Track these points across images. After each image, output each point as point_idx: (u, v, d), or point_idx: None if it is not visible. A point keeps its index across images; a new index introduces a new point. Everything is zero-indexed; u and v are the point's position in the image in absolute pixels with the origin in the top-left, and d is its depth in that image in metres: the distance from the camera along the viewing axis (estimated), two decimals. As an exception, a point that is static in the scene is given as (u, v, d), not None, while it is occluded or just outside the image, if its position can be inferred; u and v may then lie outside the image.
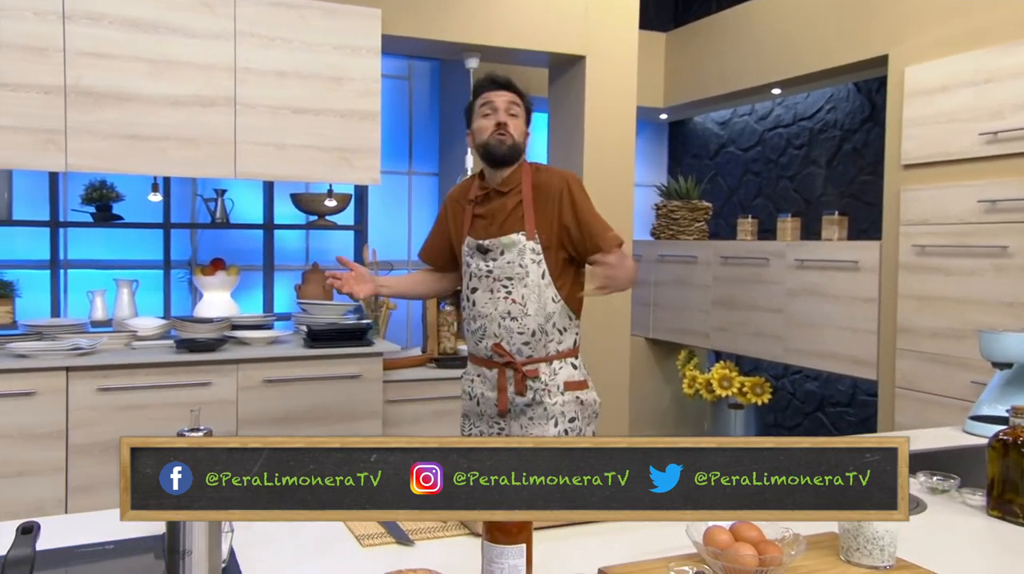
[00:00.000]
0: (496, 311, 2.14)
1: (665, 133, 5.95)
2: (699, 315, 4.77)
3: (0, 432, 2.79)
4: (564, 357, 2.21)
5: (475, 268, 2.18)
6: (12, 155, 2.83)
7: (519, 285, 2.13)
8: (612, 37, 3.88)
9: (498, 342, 2.14)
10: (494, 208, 2.17)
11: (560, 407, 2.16)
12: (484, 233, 2.17)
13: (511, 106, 2.16)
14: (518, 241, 2.12)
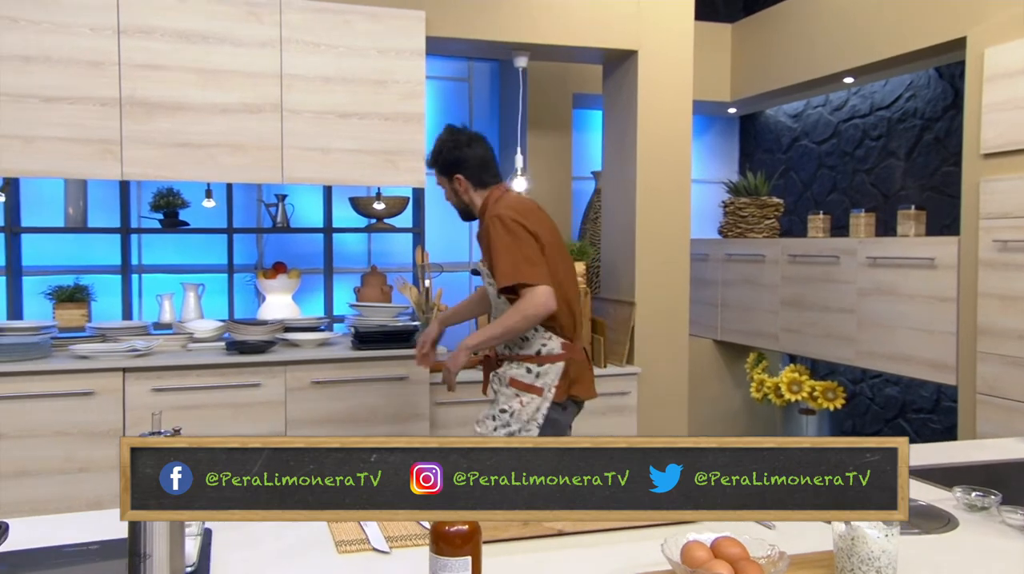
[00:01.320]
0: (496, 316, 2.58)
1: (735, 128, 5.75)
2: (767, 316, 4.58)
3: (62, 429, 2.92)
4: (521, 360, 2.47)
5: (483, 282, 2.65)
6: (73, 164, 2.97)
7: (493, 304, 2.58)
8: (666, 31, 3.77)
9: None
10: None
11: (499, 396, 2.50)
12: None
13: (440, 186, 2.61)
14: (482, 270, 2.55)
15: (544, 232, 2.44)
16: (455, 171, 2.51)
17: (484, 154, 2.53)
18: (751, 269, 4.70)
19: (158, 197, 3.97)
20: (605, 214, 4.19)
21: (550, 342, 2.45)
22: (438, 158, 2.54)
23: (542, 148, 4.69)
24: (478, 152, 2.52)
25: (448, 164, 2.52)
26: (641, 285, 3.83)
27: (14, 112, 2.90)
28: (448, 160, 2.52)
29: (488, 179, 2.53)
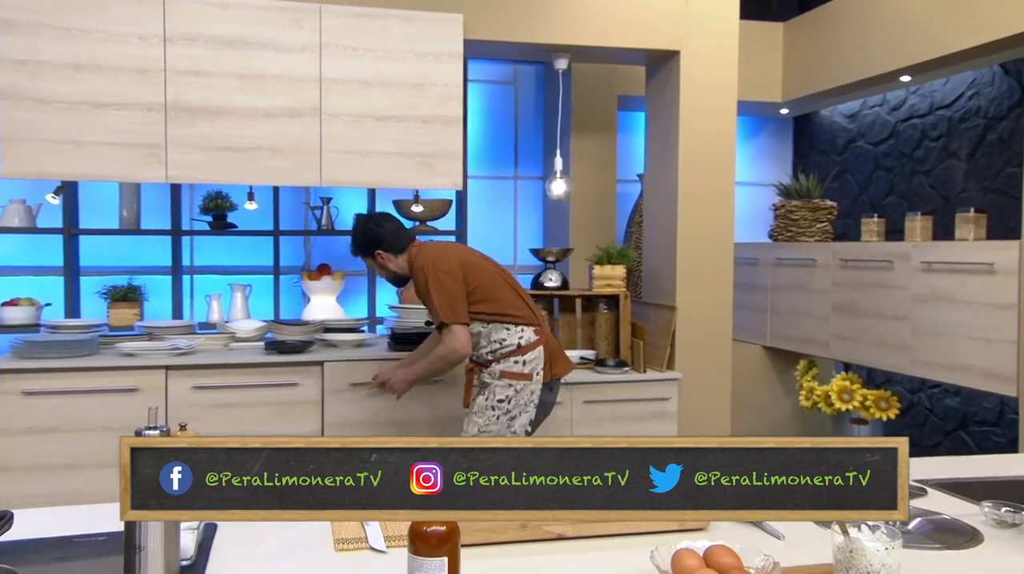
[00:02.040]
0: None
1: (789, 129, 5.61)
2: (818, 322, 4.45)
3: (107, 424, 3.02)
4: (505, 356, 2.78)
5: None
6: (120, 168, 3.07)
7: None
8: (710, 30, 3.70)
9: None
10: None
11: (493, 387, 2.77)
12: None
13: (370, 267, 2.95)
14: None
15: (461, 259, 2.80)
16: (375, 248, 2.84)
17: (393, 226, 2.88)
18: (802, 274, 4.57)
19: (207, 200, 4.09)
20: (647, 217, 4.13)
21: (524, 333, 2.79)
22: (358, 244, 2.88)
23: (587, 151, 4.66)
24: (388, 227, 2.86)
25: (367, 245, 2.86)
26: (682, 289, 3.76)
27: (67, 119, 3.01)
28: (365, 242, 2.86)
29: (404, 243, 2.86)
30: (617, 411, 3.63)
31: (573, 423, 3.58)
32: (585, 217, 4.64)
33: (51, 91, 2.99)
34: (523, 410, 2.78)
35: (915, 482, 1.80)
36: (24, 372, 2.94)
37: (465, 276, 2.75)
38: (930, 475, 1.86)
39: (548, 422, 3.52)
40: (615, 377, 3.64)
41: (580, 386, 3.58)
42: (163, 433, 1.22)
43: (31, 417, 2.94)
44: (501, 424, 2.77)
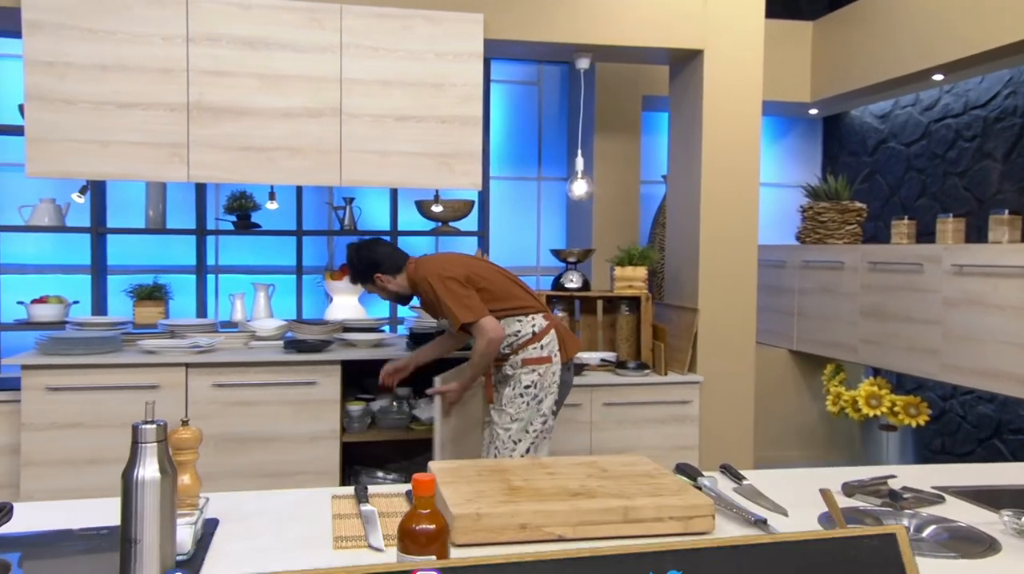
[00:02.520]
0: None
1: (819, 129, 5.52)
2: (846, 326, 4.36)
3: (129, 420, 3.05)
4: (527, 344, 2.84)
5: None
6: (143, 167, 3.11)
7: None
8: (733, 29, 3.64)
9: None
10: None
11: (519, 377, 2.82)
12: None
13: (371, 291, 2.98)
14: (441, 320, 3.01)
15: (462, 264, 2.86)
16: (373, 272, 2.89)
17: (386, 248, 2.95)
18: (829, 277, 4.49)
19: (231, 200, 4.13)
20: (670, 218, 4.08)
21: (535, 320, 2.86)
22: (356, 272, 2.94)
23: (610, 151, 4.62)
24: (381, 250, 2.93)
25: (365, 271, 2.90)
26: (705, 291, 3.71)
27: (93, 119, 3.05)
28: (363, 269, 2.91)
29: (400, 263, 2.89)
30: (637, 414, 3.59)
31: (592, 426, 3.55)
32: (608, 218, 4.60)
33: (77, 92, 3.04)
34: (548, 392, 2.84)
35: (934, 489, 1.75)
36: (48, 368, 2.98)
37: (471, 280, 2.79)
38: (953, 482, 1.81)
39: (568, 423, 3.50)
40: (636, 379, 3.60)
41: (600, 388, 3.55)
42: (160, 427, 1.22)
43: (55, 412, 2.98)
44: (531, 409, 2.82)
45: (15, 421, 2.98)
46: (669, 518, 1.43)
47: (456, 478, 1.56)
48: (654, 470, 1.64)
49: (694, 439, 3.65)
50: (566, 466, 1.67)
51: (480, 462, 1.69)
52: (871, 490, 1.72)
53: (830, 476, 1.82)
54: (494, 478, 1.57)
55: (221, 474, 3.14)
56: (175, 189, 4.07)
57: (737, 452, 3.76)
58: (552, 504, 1.42)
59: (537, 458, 1.74)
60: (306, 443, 3.22)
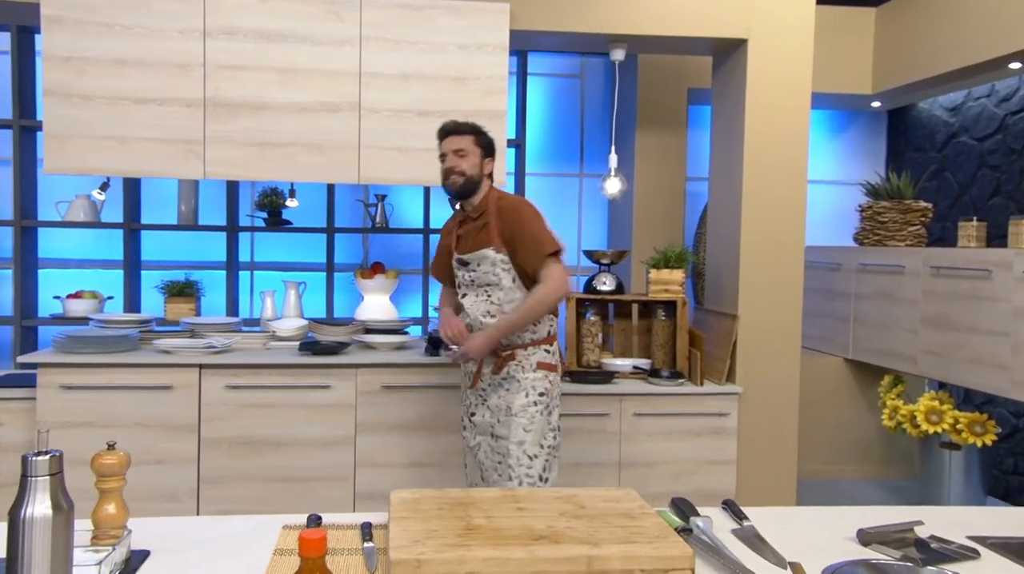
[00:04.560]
0: (478, 311, 2.59)
1: (883, 124, 5.17)
2: (905, 335, 4.05)
3: (142, 422, 3.02)
4: (538, 344, 2.61)
5: (462, 277, 2.65)
6: (158, 164, 3.06)
7: (496, 290, 2.58)
8: (780, 17, 3.39)
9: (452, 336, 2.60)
10: (469, 229, 2.63)
11: (531, 382, 2.57)
12: (462, 249, 2.63)
13: (458, 148, 2.59)
14: (488, 255, 2.56)
15: None
16: (490, 154, 2.66)
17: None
18: (888, 282, 4.18)
19: (262, 196, 4.08)
20: (711, 219, 3.85)
21: (554, 322, 2.69)
22: (485, 134, 2.66)
23: (652, 147, 4.41)
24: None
25: (491, 145, 2.67)
26: (745, 297, 3.48)
27: (110, 114, 3.02)
28: (491, 142, 2.68)
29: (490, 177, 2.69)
30: (671, 425, 3.40)
31: (622, 437, 3.37)
32: (650, 217, 4.40)
33: (94, 87, 3.01)
34: (556, 404, 2.63)
35: (970, 539, 1.53)
36: (63, 366, 2.97)
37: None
38: (995, 530, 1.58)
39: (595, 433, 3.33)
40: (669, 389, 3.40)
41: (630, 398, 3.37)
42: (54, 459, 1.11)
43: (68, 411, 2.97)
44: (543, 421, 2.55)
45: (31, 419, 2.98)
46: (639, 571, 1.26)
47: (412, 512, 1.42)
48: (637, 509, 1.47)
49: (731, 454, 3.43)
50: (541, 500, 1.51)
51: (446, 493, 1.54)
52: (893, 539, 1.51)
53: (848, 517, 1.62)
54: (454, 513, 1.42)
55: (233, 477, 3.08)
56: (208, 185, 4.05)
57: (778, 468, 3.52)
58: (508, 550, 1.27)
59: (513, 491, 1.58)
60: (320, 448, 3.13)
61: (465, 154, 2.57)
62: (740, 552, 1.43)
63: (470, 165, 2.58)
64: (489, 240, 2.55)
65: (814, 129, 5.06)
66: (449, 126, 2.64)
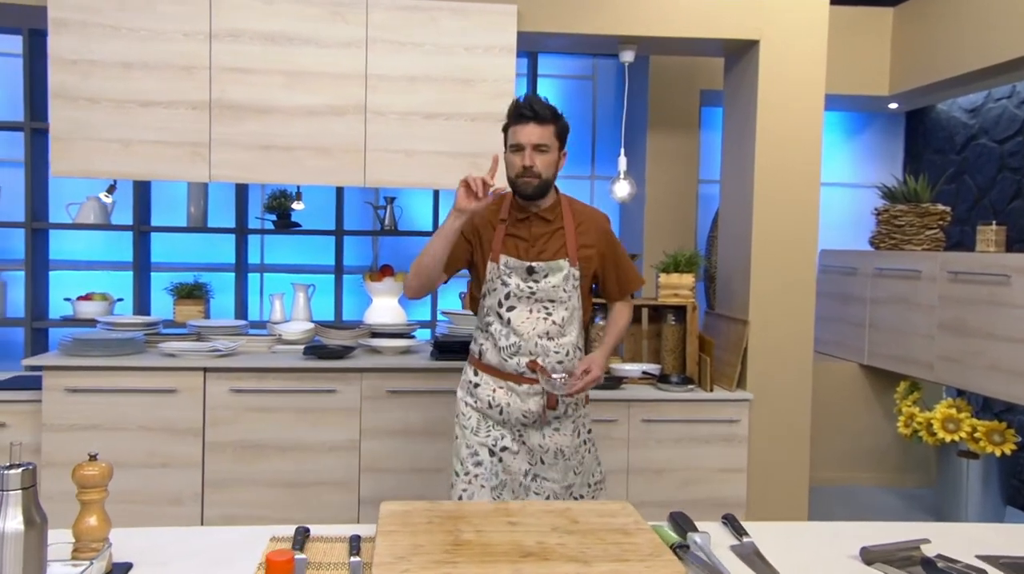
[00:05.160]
0: (534, 330, 2.19)
1: (900, 126, 5.08)
2: (922, 341, 3.97)
3: (146, 425, 3.01)
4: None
5: (515, 287, 2.20)
6: (164, 167, 3.06)
7: (560, 308, 2.21)
8: (793, 17, 3.33)
9: (534, 359, 2.19)
10: (536, 232, 2.22)
11: (583, 419, 2.33)
12: (527, 254, 2.21)
13: (540, 143, 2.15)
14: (564, 267, 2.20)
15: None
16: (563, 145, 2.23)
17: None
18: (904, 286, 4.10)
19: (271, 199, 4.08)
20: (722, 222, 3.80)
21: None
22: (565, 121, 2.22)
23: (664, 149, 4.36)
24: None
25: (567, 133, 2.23)
26: (756, 302, 3.42)
27: (116, 116, 3.02)
28: (568, 129, 2.24)
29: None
30: (680, 432, 3.34)
31: (630, 443, 3.32)
32: (661, 220, 4.35)
33: (101, 90, 3.01)
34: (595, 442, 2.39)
35: (980, 559, 1.47)
36: (69, 369, 2.97)
37: None
38: (1006, 549, 1.52)
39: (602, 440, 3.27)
40: (678, 395, 3.35)
41: (639, 403, 3.32)
42: (26, 472, 1.09)
43: (74, 414, 2.97)
44: (593, 459, 2.35)
45: (37, 421, 2.99)
46: (630, 591, 1.22)
47: (400, 526, 1.39)
48: (632, 525, 1.43)
49: (742, 461, 3.37)
50: (534, 514, 1.48)
51: (438, 506, 1.51)
52: (898, 558, 1.46)
53: (852, 534, 1.57)
54: (444, 528, 1.39)
55: (237, 482, 3.07)
56: (217, 187, 4.05)
57: (790, 476, 3.46)
58: (494, 567, 1.23)
59: (507, 503, 1.55)
60: (325, 453, 3.11)
61: (547, 149, 2.14)
62: (738, 570, 1.38)
63: (548, 164, 2.15)
64: (564, 250, 2.19)
65: (830, 131, 4.99)
66: (530, 109, 2.13)
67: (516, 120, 2.17)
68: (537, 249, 2.19)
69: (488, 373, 2.25)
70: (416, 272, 2.16)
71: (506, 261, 2.18)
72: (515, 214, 2.22)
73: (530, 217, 2.21)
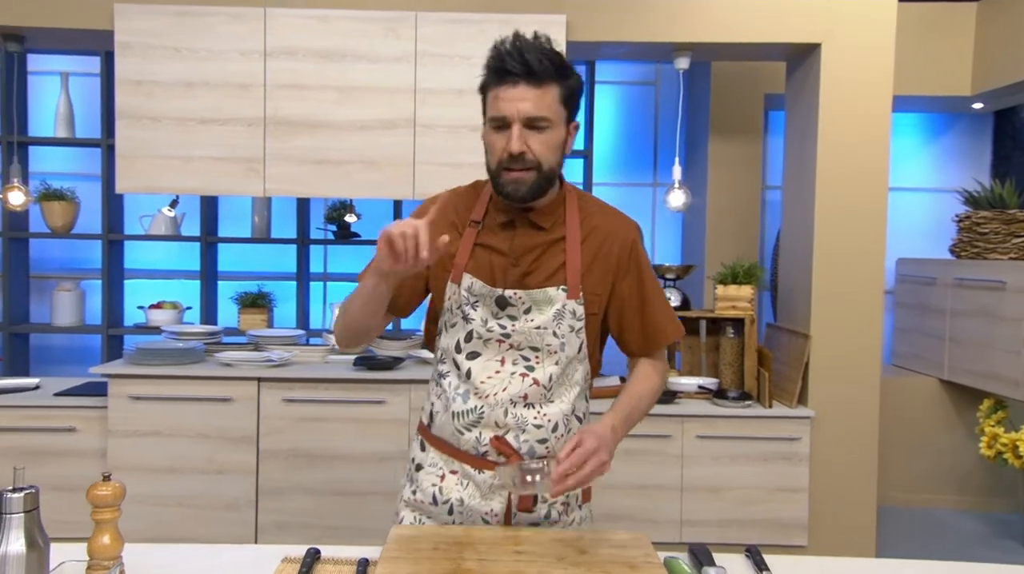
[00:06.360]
0: (505, 392, 1.48)
1: (988, 126, 4.79)
2: (1007, 357, 3.73)
3: (204, 432, 3.11)
4: None
5: (479, 324, 1.48)
6: (222, 182, 3.15)
7: (547, 360, 1.49)
8: (857, 19, 3.18)
9: (500, 436, 1.48)
10: (521, 244, 1.49)
11: (576, 525, 1.57)
12: (502, 277, 1.49)
13: (536, 116, 1.41)
14: (556, 299, 1.48)
15: None
16: (575, 113, 1.51)
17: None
18: (988, 298, 3.86)
19: (331, 209, 4.16)
20: (784, 231, 3.66)
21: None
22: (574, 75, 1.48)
23: (727, 156, 4.23)
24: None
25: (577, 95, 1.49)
26: (818, 315, 3.27)
27: (176, 134, 3.13)
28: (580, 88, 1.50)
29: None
30: (737, 449, 3.23)
31: (684, 460, 3.24)
32: (724, 229, 4.22)
33: (163, 109, 3.13)
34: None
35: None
36: (132, 378, 3.09)
37: None
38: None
39: (655, 455, 3.21)
40: (734, 411, 3.24)
41: (694, 419, 3.23)
42: (29, 496, 1.12)
43: (137, 420, 3.09)
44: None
45: (105, 426, 3.12)
46: (626, 631, 1.17)
47: (405, 552, 1.38)
48: (641, 558, 1.38)
49: (803, 481, 3.24)
50: (543, 543, 1.44)
51: (447, 530, 1.49)
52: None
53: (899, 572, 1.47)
54: (449, 555, 1.37)
55: (289, 490, 3.13)
56: (280, 198, 4.15)
57: (856, 497, 3.30)
58: (488, 600, 1.20)
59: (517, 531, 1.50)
60: (375, 463, 3.14)
61: (547, 125, 1.42)
62: (752, 611, 1.31)
63: (549, 146, 1.43)
64: (562, 274, 1.49)
65: (907, 133, 4.75)
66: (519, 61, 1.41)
67: (498, 78, 1.44)
68: (521, 270, 1.48)
69: (437, 448, 1.56)
70: (345, 324, 1.51)
71: (471, 284, 1.48)
72: (494, 215, 1.52)
73: (515, 220, 1.50)
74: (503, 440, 1.48)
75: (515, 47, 1.46)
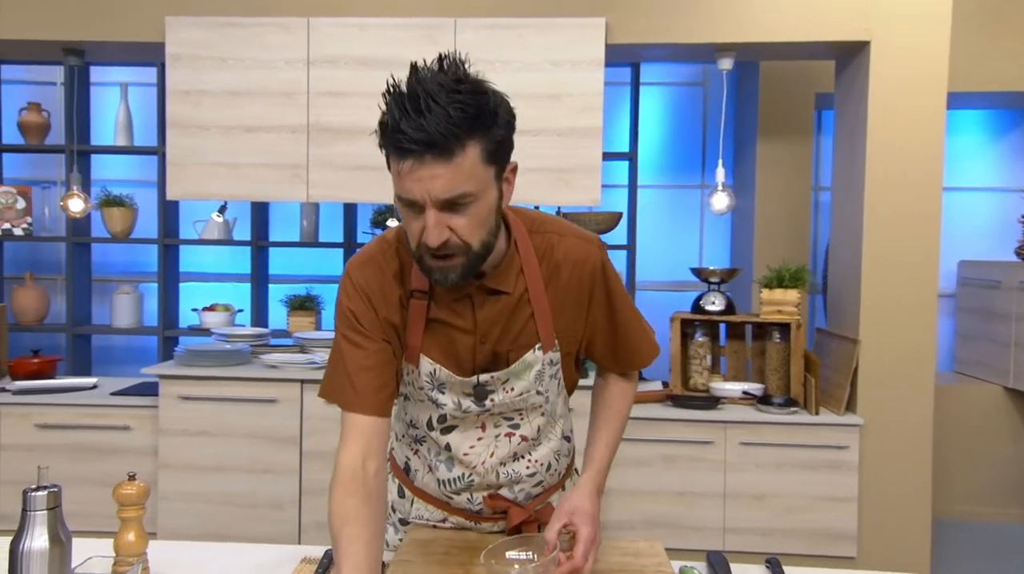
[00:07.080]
0: (493, 457, 1.41)
1: (1057, 122, 4.58)
2: (1073, 364, 3.56)
3: (251, 433, 3.19)
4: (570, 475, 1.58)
5: (452, 408, 1.36)
6: (267, 188, 3.23)
7: (532, 416, 1.41)
8: (908, 15, 3.08)
9: (495, 494, 1.44)
10: (487, 317, 1.31)
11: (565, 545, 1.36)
12: (471, 357, 1.33)
13: (451, 196, 1.13)
14: (535, 362, 1.34)
15: None
16: (505, 159, 1.22)
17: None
18: (1054, 302, 3.69)
19: (376, 214, 4.21)
20: (833, 234, 3.56)
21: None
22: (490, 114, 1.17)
23: (776, 157, 4.14)
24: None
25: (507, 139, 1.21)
26: (867, 319, 3.18)
27: (223, 142, 3.22)
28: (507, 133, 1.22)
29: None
30: (783, 457, 3.16)
31: (727, 466, 3.18)
32: (773, 231, 4.13)
33: (211, 118, 3.22)
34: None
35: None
36: (182, 378, 3.19)
37: None
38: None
39: (698, 462, 3.16)
40: (779, 418, 3.17)
41: (737, 425, 3.17)
42: (51, 494, 1.17)
43: (186, 420, 3.18)
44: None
45: (156, 425, 3.22)
46: (629, 642, 1.15)
47: (417, 555, 1.39)
48: (653, 566, 1.36)
49: (852, 490, 3.14)
50: (556, 550, 1.43)
51: (462, 535, 1.49)
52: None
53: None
54: (459, 559, 1.37)
55: (332, 490, 3.18)
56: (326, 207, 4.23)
57: (909, 508, 3.19)
58: (493, 607, 1.20)
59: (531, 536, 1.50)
60: (414, 465, 3.17)
61: (470, 199, 1.15)
62: (767, 625, 1.28)
63: (477, 222, 1.18)
64: (533, 329, 1.33)
65: (969, 132, 4.58)
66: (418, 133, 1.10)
67: (398, 153, 1.14)
68: (489, 346, 1.32)
69: (424, 501, 1.50)
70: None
71: (433, 371, 1.33)
72: (442, 291, 1.29)
73: (471, 293, 1.30)
74: (498, 496, 1.45)
75: (413, 106, 1.11)
